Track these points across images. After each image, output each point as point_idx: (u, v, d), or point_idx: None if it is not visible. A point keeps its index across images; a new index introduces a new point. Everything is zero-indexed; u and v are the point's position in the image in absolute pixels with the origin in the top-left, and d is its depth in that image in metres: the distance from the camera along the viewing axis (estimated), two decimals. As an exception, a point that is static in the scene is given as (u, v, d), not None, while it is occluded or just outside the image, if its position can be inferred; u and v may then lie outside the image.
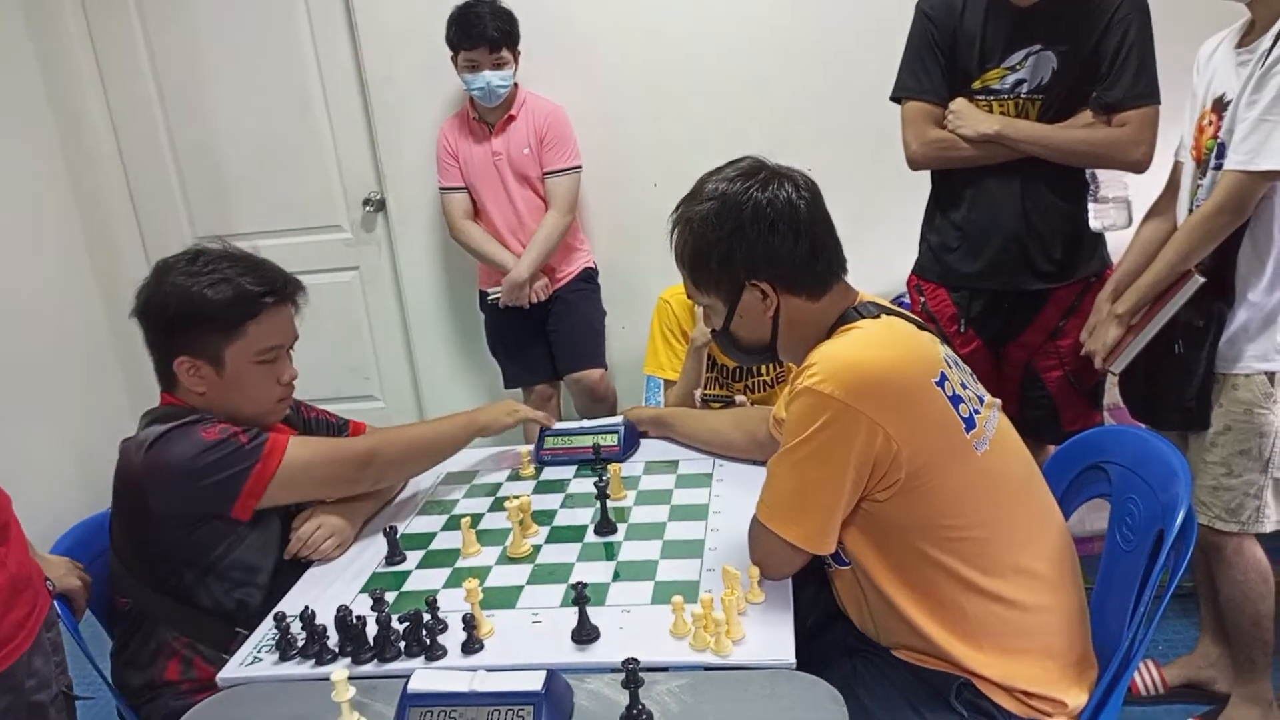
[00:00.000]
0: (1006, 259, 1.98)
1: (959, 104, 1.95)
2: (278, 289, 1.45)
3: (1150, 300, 1.75)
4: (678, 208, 1.31)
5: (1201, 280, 1.68)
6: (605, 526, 1.51)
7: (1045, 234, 1.96)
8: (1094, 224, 1.94)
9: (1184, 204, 1.78)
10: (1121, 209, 1.92)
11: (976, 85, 1.94)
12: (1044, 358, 2.06)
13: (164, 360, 1.46)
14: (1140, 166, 1.88)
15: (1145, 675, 2.02)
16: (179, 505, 1.38)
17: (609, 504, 1.53)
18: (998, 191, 1.96)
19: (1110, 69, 1.84)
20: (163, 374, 1.48)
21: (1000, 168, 1.94)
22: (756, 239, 1.24)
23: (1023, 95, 1.91)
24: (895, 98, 2.05)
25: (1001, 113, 1.93)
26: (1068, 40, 1.85)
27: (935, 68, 1.97)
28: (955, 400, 1.22)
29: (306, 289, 1.53)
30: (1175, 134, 1.84)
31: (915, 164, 2.04)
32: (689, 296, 1.38)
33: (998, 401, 1.34)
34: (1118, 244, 1.99)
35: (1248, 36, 1.66)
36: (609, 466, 1.64)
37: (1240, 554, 1.75)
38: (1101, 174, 1.95)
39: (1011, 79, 1.91)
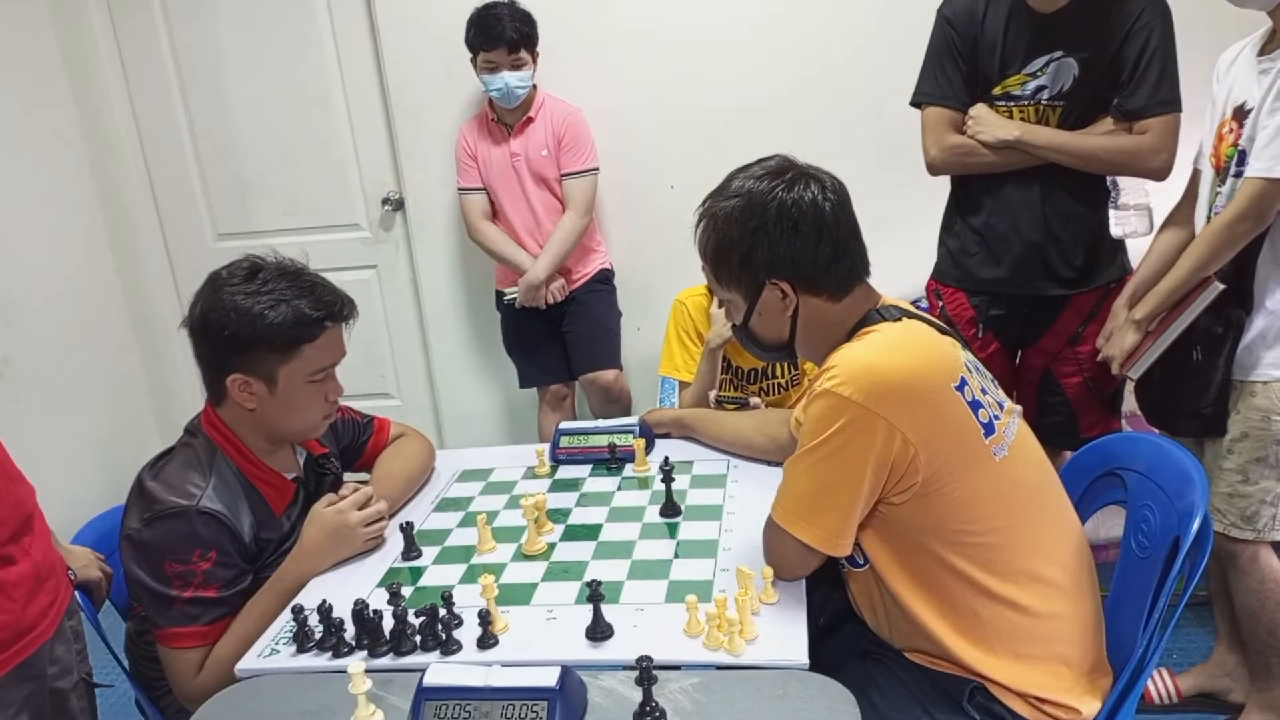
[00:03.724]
0: (1026, 264, 1.97)
1: (979, 110, 1.95)
2: (334, 312, 1.46)
3: (1169, 306, 1.75)
4: (704, 202, 1.32)
5: (1222, 287, 1.67)
6: (670, 509, 1.53)
7: (1065, 240, 1.95)
8: (1115, 231, 1.94)
9: (1202, 211, 1.77)
10: (1143, 216, 1.92)
11: (997, 91, 1.94)
12: (1062, 364, 2.05)
13: (216, 376, 1.45)
14: (1160, 174, 1.87)
15: (1159, 684, 2.01)
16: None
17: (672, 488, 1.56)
18: (1018, 197, 1.95)
19: (1132, 76, 1.84)
20: (213, 388, 1.48)
21: (1021, 174, 1.94)
22: (779, 239, 1.24)
23: (1044, 102, 1.90)
24: (915, 103, 2.04)
25: (1022, 119, 1.92)
26: (1089, 47, 1.85)
27: (956, 73, 1.97)
28: (975, 405, 1.22)
29: (357, 306, 1.53)
30: (1195, 142, 1.83)
31: (935, 169, 2.04)
32: (711, 290, 1.38)
33: (1018, 408, 1.34)
34: (1137, 251, 1.98)
35: (1269, 45, 1.66)
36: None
37: (1256, 562, 1.75)
38: (1122, 181, 1.94)
39: (1032, 85, 1.90)
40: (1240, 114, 1.66)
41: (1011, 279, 2.00)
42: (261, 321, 1.39)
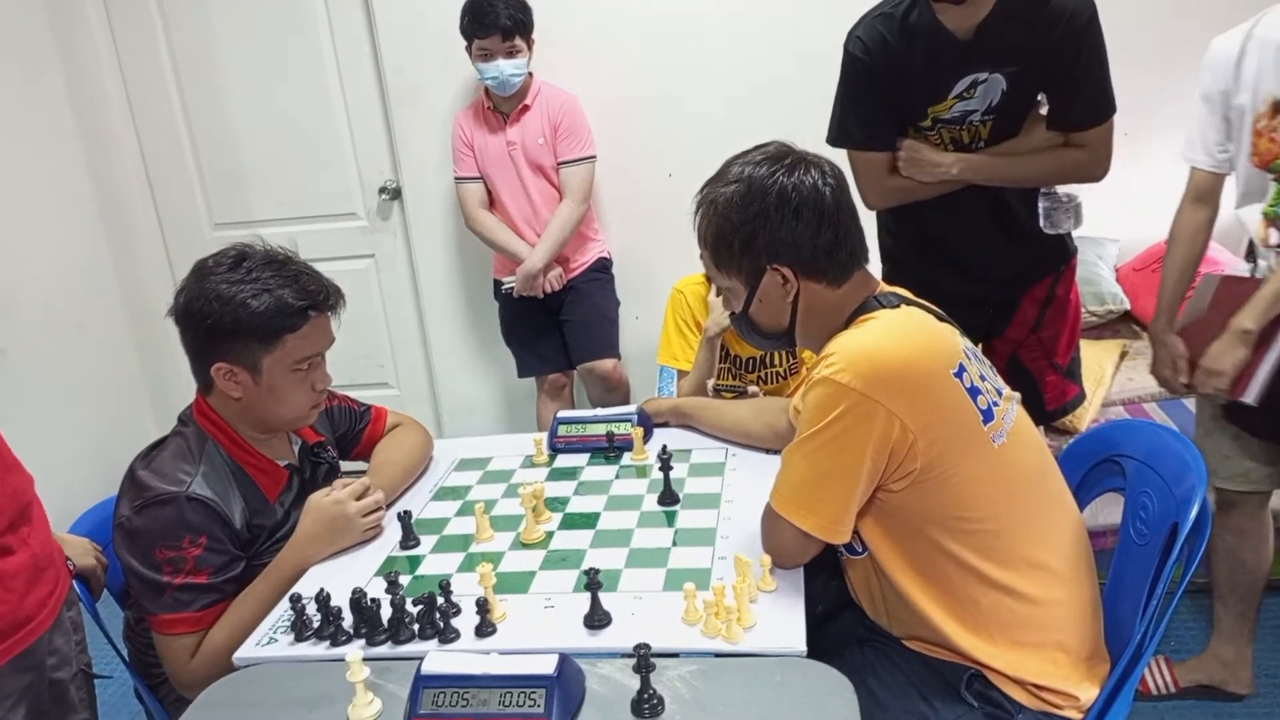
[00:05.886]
0: (971, 274, 1.93)
1: (910, 147, 1.83)
2: (319, 302, 1.45)
3: (1275, 313, 1.68)
4: (703, 189, 1.31)
5: None
6: (668, 497, 1.53)
7: (1012, 245, 1.91)
8: (1045, 227, 1.88)
9: (1253, 210, 1.73)
10: (1070, 213, 1.88)
11: (925, 122, 1.83)
12: (1028, 350, 2.03)
13: (202, 364, 1.45)
14: (1101, 179, 1.84)
15: (1157, 674, 2.01)
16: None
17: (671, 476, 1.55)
18: (962, 210, 1.88)
19: (1067, 84, 1.75)
20: (200, 377, 1.48)
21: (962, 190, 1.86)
22: (780, 224, 1.24)
23: (975, 121, 1.81)
24: (838, 146, 1.88)
25: (952, 140, 1.83)
26: (1016, 61, 1.73)
27: (878, 112, 1.83)
28: (973, 392, 1.22)
29: (344, 295, 1.51)
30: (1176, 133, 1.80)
31: (874, 209, 1.95)
32: (710, 277, 1.38)
33: (1017, 395, 1.34)
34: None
35: None
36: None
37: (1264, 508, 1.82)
38: None
39: (959, 108, 1.79)
40: None
41: (959, 289, 1.88)
42: (244, 310, 1.38)
